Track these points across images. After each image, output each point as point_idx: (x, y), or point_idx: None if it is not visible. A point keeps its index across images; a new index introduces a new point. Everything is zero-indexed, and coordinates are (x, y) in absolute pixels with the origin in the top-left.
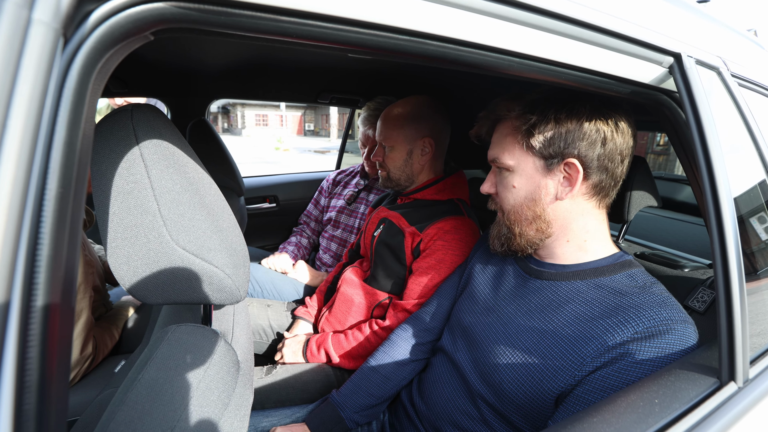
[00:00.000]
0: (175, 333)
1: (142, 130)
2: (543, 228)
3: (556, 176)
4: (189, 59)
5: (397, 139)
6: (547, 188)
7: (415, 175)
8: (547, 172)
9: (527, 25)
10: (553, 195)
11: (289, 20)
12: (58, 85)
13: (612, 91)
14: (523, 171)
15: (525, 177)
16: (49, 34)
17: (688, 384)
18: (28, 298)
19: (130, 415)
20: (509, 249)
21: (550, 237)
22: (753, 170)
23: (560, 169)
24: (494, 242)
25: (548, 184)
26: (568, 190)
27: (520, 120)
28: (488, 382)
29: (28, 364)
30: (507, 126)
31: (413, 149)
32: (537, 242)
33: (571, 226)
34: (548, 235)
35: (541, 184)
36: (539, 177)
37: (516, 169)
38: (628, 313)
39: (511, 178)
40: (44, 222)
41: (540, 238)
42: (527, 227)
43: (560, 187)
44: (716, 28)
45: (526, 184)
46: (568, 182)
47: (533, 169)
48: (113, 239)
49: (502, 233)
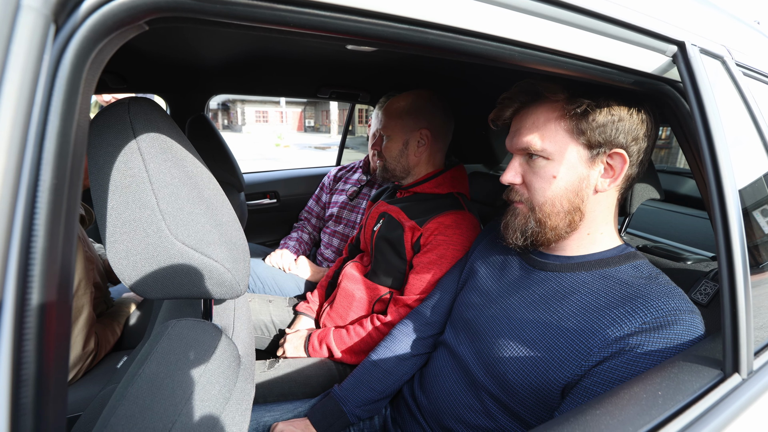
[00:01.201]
0: (175, 328)
1: (139, 123)
2: (576, 220)
3: (598, 167)
4: (188, 54)
5: (394, 128)
6: (588, 179)
7: (411, 167)
8: (590, 162)
9: (528, 13)
10: (593, 187)
11: (285, 8)
12: (50, 75)
13: (614, 80)
14: (565, 159)
15: (567, 166)
16: (40, 21)
17: (692, 376)
18: (22, 291)
19: (131, 410)
20: (534, 242)
21: (576, 230)
22: (758, 161)
23: (603, 159)
24: (515, 235)
25: (590, 174)
26: (608, 182)
27: (569, 103)
28: (492, 374)
29: (25, 358)
30: (548, 109)
31: (409, 140)
32: (565, 235)
33: (597, 219)
34: (577, 228)
35: (583, 175)
36: (582, 167)
37: (557, 158)
38: (636, 303)
39: (549, 167)
40: (38, 214)
41: (568, 231)
42: (561, 220)
43: (600, 178)
44: (720, 17)
45: (568, 174)
46: (609, 174)
47: (577, 158)
48: (112, 234)
49: (529, 227)
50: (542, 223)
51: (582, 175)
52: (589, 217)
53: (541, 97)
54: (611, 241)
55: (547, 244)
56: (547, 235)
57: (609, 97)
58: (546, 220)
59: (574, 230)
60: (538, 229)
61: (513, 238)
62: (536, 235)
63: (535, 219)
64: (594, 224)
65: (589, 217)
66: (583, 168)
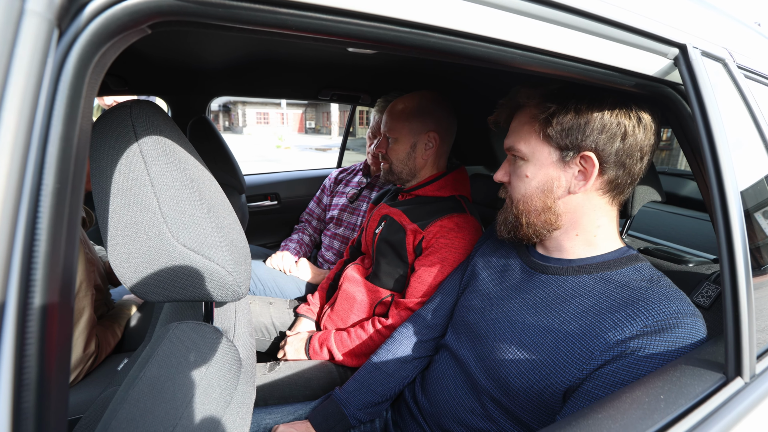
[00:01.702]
0: (176, 330)
1: (141, 126)
2: (552, 220)
3: (570, 169)
4: (189, 56)
5: (402, 131)
6: (560, 180)
7: (417, 169)
8: (562, 164)
9: (530, 16)
10: (565, 188)
11: (287, 12)
12: (53, 79)
13: (616, 83)
14: (537, 161)
15: (538, 167)
16: (43, 26)
17: (694, 380)
18: (25, 295)
19: (132, 413)
20: (515, 236)
21: (558, 230)
22: (760, 164)
23: (576, 162)
24: (501, 228)
25: (561, 176)
26: (581, 185)
27: (538, 108)
28: (494, 377)
29: (27, 362)
30: (525, 114)
31: (417, 142)
32: (544, 233)
33: (582, 221)
34: (557, 227)
35: (554, 176)
36: (553, 168)
37: (530, 159)
38: (637, 306)
39: (524, 167)
40: (41, 218)
41: (547, 230)
42: (535, 218)
43: (574, 180)
44: (722, 19)
45: (539, 175)
46: (583, 176)
47: (548, 160)
48: (113, 237)
49: (509, 221)
50: (518, 218)
51: (552, 175)
52: (569, 218)
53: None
54: (612, 243)
55: (528, 239)
56: (524, 230)
57: (581, 101)
58: (521, 216)
59: (554, 229)
60: (516, 224)
61: (502, 231)
62: (516, 229)
63: (513, 214)
64: (579, 226)
65: (570, 218)
66: (552, 169)
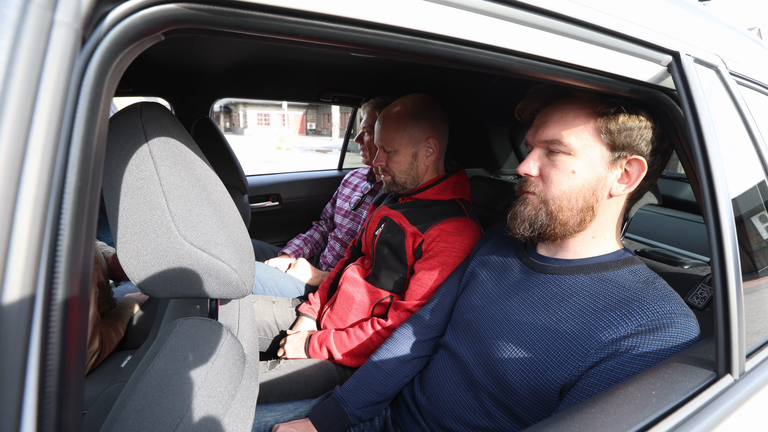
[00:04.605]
0: (183, 326)
1: (150, 127)
2: (587, 220)
3: (615, 171)
4: (193, 59)
5: (400, 142)
6: (606, 180)
7: (420, 176)
8: (610, 164)
9: (528, 25)
10: (608, 190)
11: (295, 20)
12: (77, 84)
13: (612, 89)
14: (587, 157)
15: (588, 164)
16: (71, 35)
17: (686, 376)
18: (49, 287)
19: (141, 405)
20: (541, 235)
21: (584, 231)
22: (751, 168)
23: (622, 164)
24: (522, 225)
25: (608, 177)
26: (623, 188)
27: (602, 103)
28: (492, 374)
29: (50, 350)
30: (578, 106)
31: (418, 151)
32: (572, 233)
33: (605, 223)
34: (584, 228)
35: (602, 175)
36: (601, 168)
37: (580, 154)
38: (632, 306)
39: (570, 162)
40: (64, 214)
41: (576, 230)
42: (573, 217)
43: (616, 182)
44: (715, 27)
45: (587, 172)
46: (626, 179)
47: (598, 158)
48: (123, 234)
49: (539, 218)
50: (553, 216)
51: (600, 175)
52: (599, 219)
53: (571, 95)
54: (611, 245)
55: (553, 239)
56: (555, 229)
57: (638, 106)
58: (558, 213)
59: (582, 230)
60: (548, 222)
61: (521, 228)
62: (545, 227)
63: (546, 211)
64: (601, 227)
65: (599, 220)
66: (602, 168)
